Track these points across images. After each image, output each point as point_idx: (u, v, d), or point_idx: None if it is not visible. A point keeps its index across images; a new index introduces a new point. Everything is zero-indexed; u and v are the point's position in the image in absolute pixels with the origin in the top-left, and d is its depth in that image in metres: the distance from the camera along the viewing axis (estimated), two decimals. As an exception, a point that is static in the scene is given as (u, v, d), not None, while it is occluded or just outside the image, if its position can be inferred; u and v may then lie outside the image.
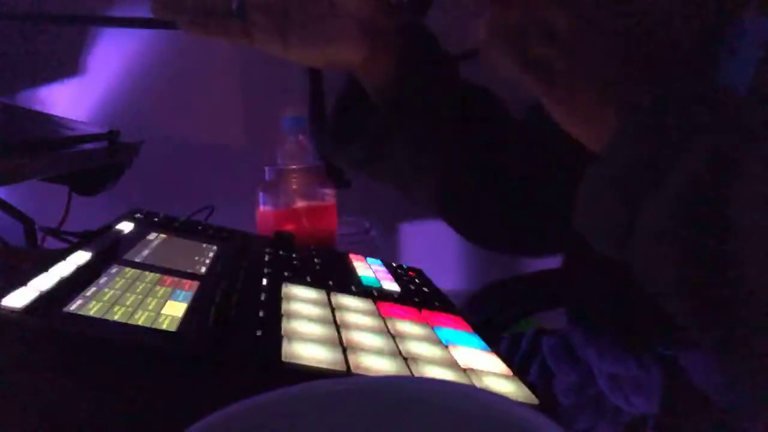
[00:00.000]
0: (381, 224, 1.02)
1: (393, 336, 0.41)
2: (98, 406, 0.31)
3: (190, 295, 0.41)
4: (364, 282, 0.54)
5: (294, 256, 0.56)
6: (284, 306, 0.42)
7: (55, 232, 0.69)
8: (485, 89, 0.60)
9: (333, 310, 0.44)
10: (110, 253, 0.46)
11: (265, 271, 0.50)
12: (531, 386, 0.38)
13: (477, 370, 0.39)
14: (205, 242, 0.57)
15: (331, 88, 0.94)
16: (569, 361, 0.56)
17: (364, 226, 0.96)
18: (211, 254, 0.53)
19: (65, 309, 0.34)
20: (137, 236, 0.53)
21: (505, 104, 0.61)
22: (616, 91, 0.35)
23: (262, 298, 0.43)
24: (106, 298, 0.37)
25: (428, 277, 0.63)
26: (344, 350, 0.37)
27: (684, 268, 0.31)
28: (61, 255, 0.42)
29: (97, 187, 0.86)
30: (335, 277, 0.52)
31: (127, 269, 0.44)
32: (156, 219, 0.60)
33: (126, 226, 0.55)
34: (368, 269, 0.59)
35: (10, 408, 0.30)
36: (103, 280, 0.40)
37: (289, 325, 0.39)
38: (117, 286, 0.40)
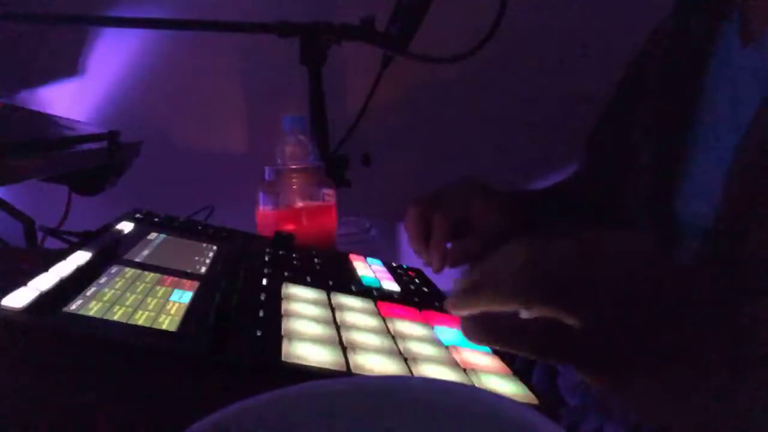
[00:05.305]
0: (381, 224, 1.02)
1: (393, 336, 0.41)
2: (98, 406, 0.31)
3: (190, 295, 0.41)
4: (364, 282, 0.54)
5: (294, 256, 0.56)
6: (284, 306, 0.42)
7: (55, 232, 0.69)
8: None
9: (333, 310, 0.44)
10: (110, 253, 0.46)
11: (265, 271, 0.50)
12: (531, 386, 0.38)
13: (477, 370, 0.39)
14: (205, 242, 0.57)
15: (332, 87, 0.94)
16: None
17: (364, 226, 0.96)
18: (211, 254, 0.53)
19: (65, 309, 0.35)
20: (137, 236, 0.53)
21: None
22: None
23: (262, 298, 0.43)
24: (106, 298, 0.37)
25: (428, 277, 0.63)
26: (344, 350, 0.37)
27: None
28: (61, 255, 0.42)
29: (97, 187, 0.86)
30: (335, 277, 0.52)
31: (127, 269, 0.44)
32: (156, 219, 0.60)
33: (126, 226, 0.55)
34: (368, 269, 0.59)
35: (11, 408, 0.30)
36: (103, 280, 0.40)
37: (289, 325, 0.39)
38: (117, 286, 0.40)
